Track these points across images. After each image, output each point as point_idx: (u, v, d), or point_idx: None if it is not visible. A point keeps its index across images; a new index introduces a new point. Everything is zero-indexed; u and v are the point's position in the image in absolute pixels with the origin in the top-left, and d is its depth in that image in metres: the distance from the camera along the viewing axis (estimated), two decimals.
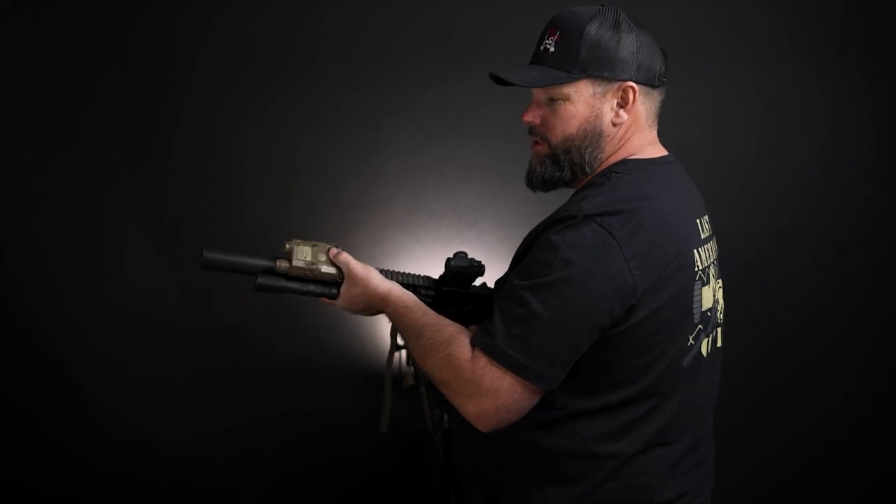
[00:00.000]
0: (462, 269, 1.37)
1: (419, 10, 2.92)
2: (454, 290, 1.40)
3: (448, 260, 1.37)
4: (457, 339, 1.17)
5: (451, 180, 2.95)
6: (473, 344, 1.14)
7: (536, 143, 1.28)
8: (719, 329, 1.29)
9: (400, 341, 1.42)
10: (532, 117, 1.27)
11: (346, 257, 1.31)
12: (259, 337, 3.03)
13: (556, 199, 3.02)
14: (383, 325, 3.15)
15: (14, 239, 2.99)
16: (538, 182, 1.28)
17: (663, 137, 1.34)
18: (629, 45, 1.18)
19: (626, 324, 1.11)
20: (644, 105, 1.23)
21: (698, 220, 1.24)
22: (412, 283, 1.40)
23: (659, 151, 1.27)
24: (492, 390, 1.10)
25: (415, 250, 2.89)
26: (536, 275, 1.10)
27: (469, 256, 1.38)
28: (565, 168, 1.24)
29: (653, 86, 1.23)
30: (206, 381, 3.04)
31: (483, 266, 1.39)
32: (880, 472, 2.80)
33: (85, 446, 3.03)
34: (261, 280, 1.33)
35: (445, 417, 2.77)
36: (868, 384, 2.81)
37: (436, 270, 1.48)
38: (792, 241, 2.78)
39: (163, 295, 3.04)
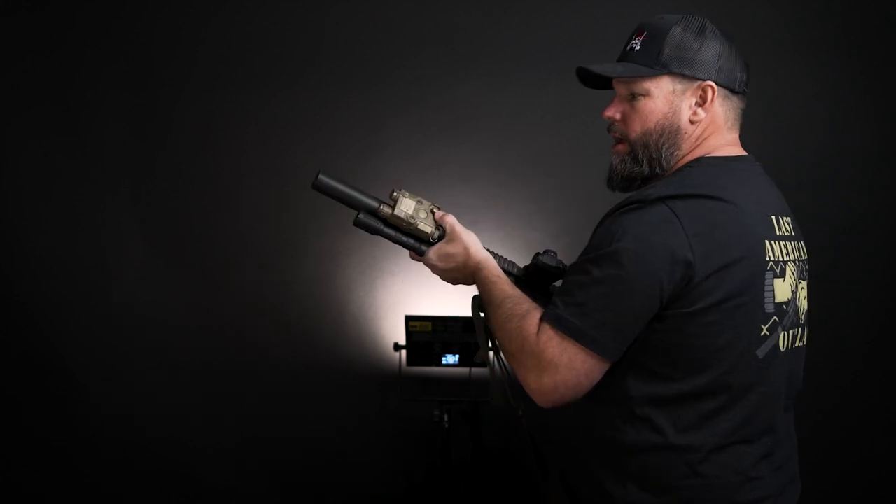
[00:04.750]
0: (546, 267, 1.40)
1: (419, 12, 2.92)
2: (533, 284, 1.42)
3: (537, 254, 1.40)
4: (530, 314, 1.21)
5: (451, 180, 2.95)
6: (541, 318, 1.18)
7: (617, 143, 1.32)
8: (801, 329, 1.30)
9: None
10: (613, 112, 1.30)
11: (451, 219, 1.40)
12: (258, 338, 3.03)
13: (559, 202, 3.00)
14: (382, 325, 3.15)
15: (14, 240, 2.99)
16: (618, 179, 1.31)
17: None
18: (712, 48, 1.24)
19: (693, 305, 1.13)
20: (723, 107, 1.28)
21: (774, 217, 1.26)
22: (502, 260, 1.43)
23: (737, 152, 1.31)
24: (552, 364, 1.14)
25: None
26: (599, 247, 1.16)
27: (558, 257, 1.41)
28: (643, 163, 1.28)
29: (733, 91, 1.28)
30: (206, 382, 3.04)
31: (566, 269, 1.40)
32: (881, 472, 2.80)
33: (85, 447, 3.03)
34: (361, 217, 1.38)
35: (446, 418, 2.77)
36: (864, 383, 2.81)
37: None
38: None
39: (162, 296, 3.04)
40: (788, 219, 1.31)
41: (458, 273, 1.40)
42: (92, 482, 3.03)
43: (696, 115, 1.26)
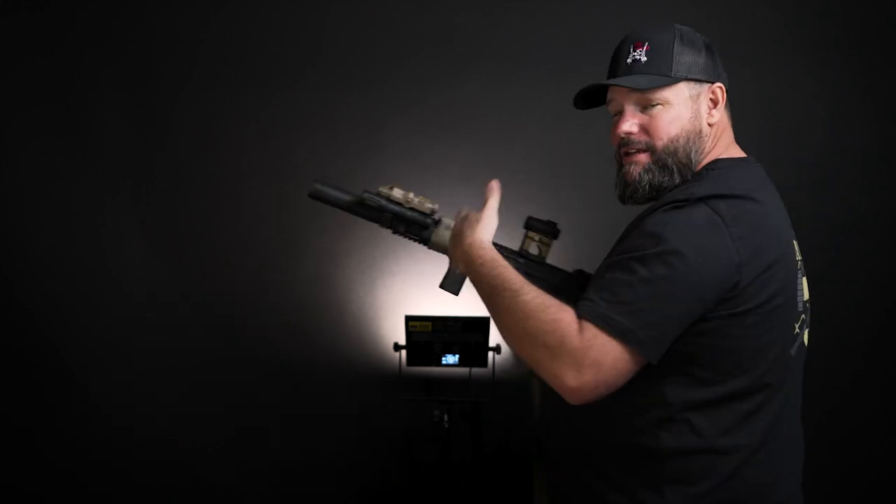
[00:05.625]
0: (538, 225, 1.41)
1: (419, 12, 2.92)
2: (539, 260, 1.43)
3: (528, 219, 1.43)
4: (565, 307, 1.14)
5: (451, 180, 2.95)
6: (579, 315, 1.12)
7: (636, 153, 1.28)
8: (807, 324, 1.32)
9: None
10: (630, 126, 1.27)
11: (494, 200, 1.37)
12: (258, 338, 3.03)
13: (559, 202, 3.01)
14: (382, 325, 3.15)
15: (14, 240, 2.99)
16: (644, 190, 1.27)
17: None
18: (708, 52, 1.28)
19: (737, 308, 1.13)
20: (726, 108, 1.31)
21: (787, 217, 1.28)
22: (499, 246, 1.42)
23: (742, 152, 1.33)
24: (595, 363, 1.09)
25: (415, 251, 2.88)
26: (644, 247, 1.12)
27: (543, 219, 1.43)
28: (674, 171, 1.26)
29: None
30: (206, 382, 3.04)
31: (558, 228, 1.43)
32: (881, 472, 2.80)
33: (85, 447, 3.03)
34: (367, 195, 1.40)
35: (446, 418, 2.77)
36: (864, 383, 2.81)
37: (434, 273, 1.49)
38: None
39: (162, 296, 3.04)
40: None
41: (458, 238, 1.35)
42: (92, 482, 3.03)
43: (712, 118, 1.27)
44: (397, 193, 1.41)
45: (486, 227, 1.34)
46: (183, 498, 3.05)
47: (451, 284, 1.46)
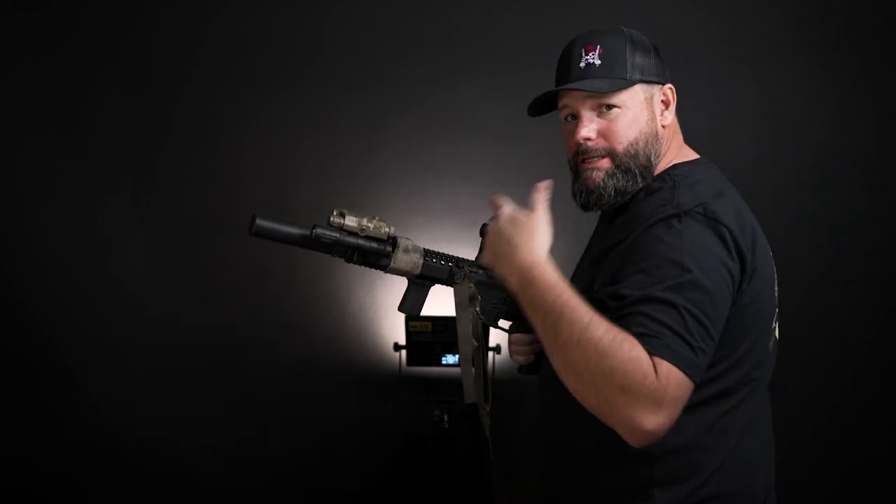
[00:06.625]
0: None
1: (419, 12, 2.93)
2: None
3: (483, 225, 1.34)
4: (634, 341, 1.03)
5: (451, 180, 2.96)
6: (650, 351, 1.03)
7: (595, 159, 1.26)
8: None
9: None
10: (588, 132, 1.25)
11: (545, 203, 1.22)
12: (258, 338, 3.03)
13: (558, 202, 3.04)
14: (382, 325, 3.15)
15: (14, 240, 2.99)
16: (610, 195, 1.24)
17: None
18: (656, 54, 1.27)
19: (735, 306, 1.14)
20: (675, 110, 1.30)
21: None
22: (458, 260, 1.37)
23: (694, 153, 1.31)
24: (673, 401, 1.02)
25: None
26: (669, 276, 1.08)
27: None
28: (637, 175, 1.25)
29: None
30: (206, 382, 3.04)
31: None
32: (881, 472, 2.80)
33: (85, 447, 3.03)
34: (318, 230, 1.26)
35: (446, 418, 2.77)
36: (864, 383, 2.81)
37: None
38: (790, 241, 2.77)
39: (162, 296, 3.04)
40: None
41: (508, 249, 1.19)
42: (91, 482, 3.03)
43: (665, 119, 1.27)
44: (351, 222, 1.27)
45: (544, 240, 1.18)
46: (183, 498, 3.05)
47: (410, 307, 1.38)
